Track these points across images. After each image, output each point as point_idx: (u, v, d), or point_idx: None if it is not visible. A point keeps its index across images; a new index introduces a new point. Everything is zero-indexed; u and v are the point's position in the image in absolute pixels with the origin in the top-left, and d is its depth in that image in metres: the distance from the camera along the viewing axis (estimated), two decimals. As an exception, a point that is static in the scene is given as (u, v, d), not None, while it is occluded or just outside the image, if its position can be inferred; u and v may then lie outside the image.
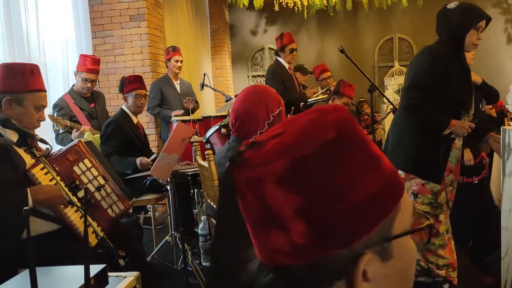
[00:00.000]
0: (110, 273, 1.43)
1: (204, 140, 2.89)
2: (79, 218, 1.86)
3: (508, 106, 3.25)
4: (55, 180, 1.83)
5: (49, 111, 3.32)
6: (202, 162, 1.93)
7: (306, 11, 6.63)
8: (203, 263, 3.11)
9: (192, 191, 3.79)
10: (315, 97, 4.56)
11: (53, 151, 1.93)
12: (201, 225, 3.16)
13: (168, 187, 3.05)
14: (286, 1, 6.35)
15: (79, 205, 1.82)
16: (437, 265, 2.35)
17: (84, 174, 1.95)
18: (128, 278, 1.44)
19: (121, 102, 3.37)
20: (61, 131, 3.27)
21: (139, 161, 3.00)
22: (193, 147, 2.60)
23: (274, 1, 6.40)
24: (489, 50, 6.77)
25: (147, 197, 3.21)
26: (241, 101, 1.75)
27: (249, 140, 0.50)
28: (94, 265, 1.32)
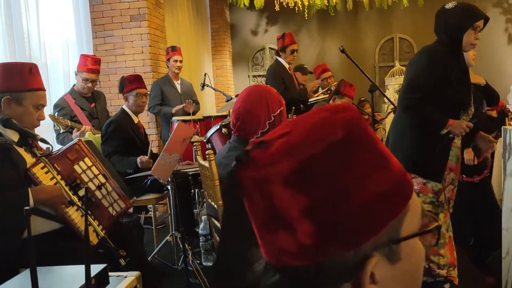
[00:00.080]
0: (111, 273, 1.43)
1: (205, 140, 2.89)
2: (80, 217, 1.86)
3: (509, 106, 3.24)
4: (55, 179, 1.83)
5: (50, 111, 3.32)
6: (203, 162, 1.92)
7: (307, 11, 6.63)
8: (204, 263, 3.11)
9: (192, 191, 3.79)
10: (316, 97, 4.57)
11: (54, 151, 1.93)
12: (201, 225, 3.17)
13: (169, 187, 3.05)
14: (286, 1, 6.35)
15: (80, 204, 1.82)
16: (438, 265, 2.35)
17: (85, 172, 1.95)
18: (129, 278, 1.44)
19: (122, 102, 3.37)
20: (62, 131, 3.27)
21: (139, 160, 3.00)
22: (194, 147, 2.60)
23: (275, 1, 6.40)
24: (489, 50, 6.76)
25: (148, 197, 3.21)
26: (242, 101, 1.75)
27: (256, 139, 0.49)
28: (95, 264, 1.32)
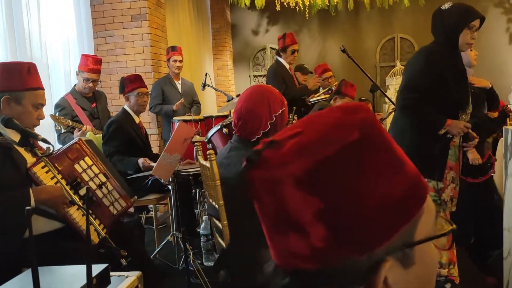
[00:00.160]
0: (112, 273, 1.43)
1: (205, 140, 2.89)
2: (81, 216, 1.85)
3: (510, 106, 3.24)
4: (56, 179, 1.82)
5: (51, 110, 3.32)
6: (204, 162, 1.92)
7: (308, 11, 6.63)
8: (205, 263, 3.11)
9: (193, 191, 3.79)
10: (317, 97, 4.57)
11: (54, 150, 1.93)
12: (202, 225, 3.17)
13: (170, 187, 3.05)
14: (287, 1, 6.35)
15: (81, 204, 1.82)
16: (440, 263, 2.35)
17: (85, 172, 1.94)
18: (130, 277, 1.44)
19: (123, 102, 3.37)
20: (63, 131, 3.27)
21: (141, 163, 3.00)
22: (195, 147, 2.60)
23: (276, 1, 6.39)
24: (491, 50, 6.75)
25: (149, 197, 3.21)
26: (244, 101, 1.75)
27: (266, 139, 0.48)
28: (96, 264, 1.32)
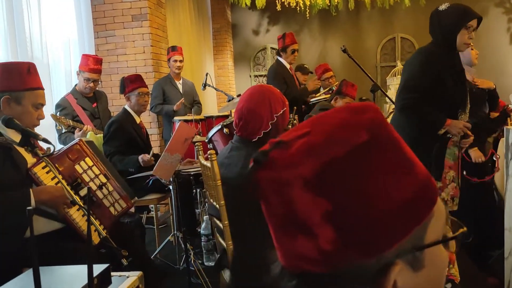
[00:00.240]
0: (113, 273, 1.42)
1: (206, 140, 2.89)
2: (81, 217, 1.85)
3: (511, 106, 3.23)
4: (56, 179, 1.82)
5: (51, 110, 3.32)
6: (205, 162, 1.92)
7: (308, 11, 6.63)
8: (206, 263, 3.11)
9: (194, 191, 3.79)
10: (318, 96, 4.56)
11: (55, 151, 1.93)
12: (203, 225, 3.17)
13: (171, 187, 3.06)
14: (288, 1, 6.34)
15: (82, 204, 1.82)
16: None
17: (86, 172, 1.95)
18: (131, 277, 1.44)
19: (124, 102, 3.37)
20: (64, 130, 3.27)
21: (141, 158, 3.00)
22: (196, 147, 2.60)
23: (276, 1, 6.39)
24: (491, 50, 6.75)
25: (150, 197, 3.21)
26: (245, 101, 1.75)
27: (274, 139, 0.47)
28: (97, 264, 1.32)
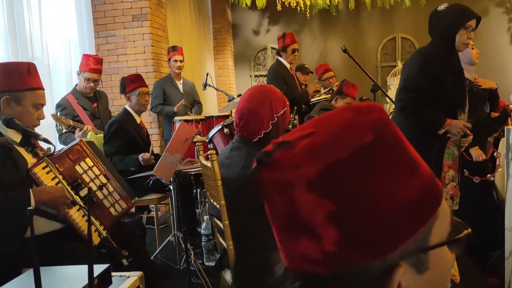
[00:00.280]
0: (113, 273, 1.42)
1: (207, 140, 2.89)
2: (81, 217, 1.85)
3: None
4: (57, 179, 1.82)
5: (52, 110, 3.32)
6: (205, 162, 1.92)
7: (309, 11, 6.63)
8: (206, 263, 3.11)
9: (194, 191, 3.79)
10: (318, 97, 4.56)
11: (55, 151, 1.93)
12: (203, 225, 3.16)
13: (171, 187, 3.06)
14: (288, 1, 6.34)
15: (82, 204, 1.82)
16: None
17: (86, 173, 1.95)
18: (132, 278, 1.44)
19: (124, 102, 3.37)
20: (64, 130, 3.27)
21: (141, 157, 3.00)
22: (196, 147, 2.60)
23: (277, 1, 6.39)
24: (492, 49, 6.75)
25: (150, 197, 3.21)
26: (246, 101, 1.75)
27: (277, 140, 0.46)
28: (97, 265, 1.32)
